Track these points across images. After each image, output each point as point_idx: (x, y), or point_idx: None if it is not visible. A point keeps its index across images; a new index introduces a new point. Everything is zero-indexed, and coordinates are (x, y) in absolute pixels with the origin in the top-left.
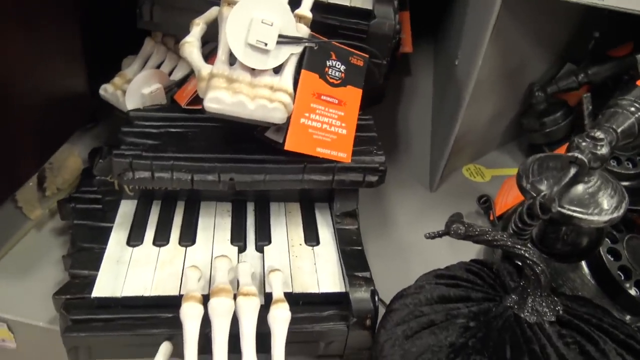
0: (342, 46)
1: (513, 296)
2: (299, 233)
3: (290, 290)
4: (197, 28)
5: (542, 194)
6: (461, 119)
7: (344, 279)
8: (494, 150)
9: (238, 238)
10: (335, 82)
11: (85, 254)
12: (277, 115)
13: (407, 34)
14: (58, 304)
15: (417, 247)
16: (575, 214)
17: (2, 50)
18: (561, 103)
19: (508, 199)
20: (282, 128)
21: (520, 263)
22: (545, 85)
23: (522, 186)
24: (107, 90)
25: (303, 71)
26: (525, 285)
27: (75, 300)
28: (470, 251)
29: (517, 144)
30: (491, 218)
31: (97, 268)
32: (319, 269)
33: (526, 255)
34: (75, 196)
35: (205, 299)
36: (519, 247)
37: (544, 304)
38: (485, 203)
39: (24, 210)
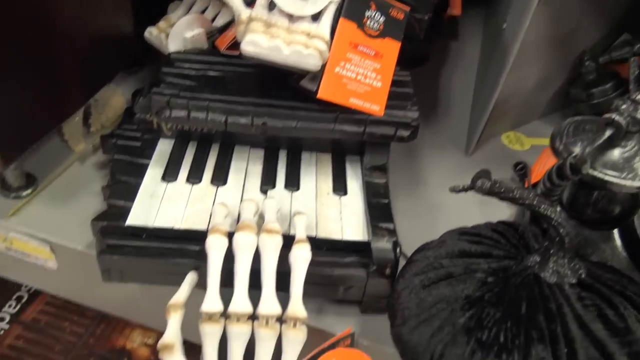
0: None
1: (535, 256)
2: (328, 182)
3: (314, 235)
4: None
5: (574, 154)
6: (503, 83)
7: (368, 229)
8: (537, 119)
9: (267, 183)
10: (374, 33)
11: (123, 186)
12: (311, 62)
13: None
14: (95, 228)
15: (446, 208)
16: (606, 177)
17: None
18: (612, 74)
19: (545, 167)
20: (317, 77)
21: (545, 224)
22: (598, 54)
23: (555, 147)
24: (151, 33)
25: (341, 19)
26: (549, 246)
27: (111, 227)
28: (501, 214)
29: (563, 115)
30: (526, 185)
31: (132, 199)
32: (344, 218)
33: (551, 215)
34: (117, 132)
35: (230, 236)
36: (545, 207)
37: (566, 266)
38: (522, 170)
39: (69, 144)
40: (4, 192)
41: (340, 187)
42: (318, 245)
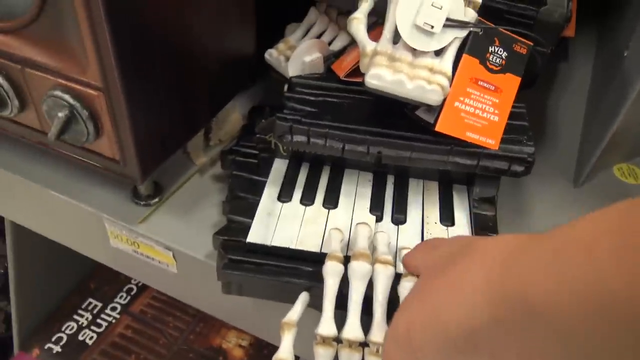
0: (507, 32)
1: None
2: (434, 212)
3: None
4: (366, 4)
5: None
6: (622, 117)
7: None
8: None
9: (376, 208)
10: (495, 68)
11: (241, 202)
12: (433, 97)
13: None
14: (216, 242)
15: None
16: None
17: (189, 18)
18: None
19: None
20: (433, 108)
21: None
22: None
23: None
24: (271, 55)
25: (464, 55)
26: None
27: (232, 242)
28: None
29: None
30: None
31: (251, 216)
32: None
33: None
34: (235, 149)
35: (344, 261)
36: None
37: None
38: None
39: (191, 156)
40: (135, 201)
41: (447, 217)
42: None
